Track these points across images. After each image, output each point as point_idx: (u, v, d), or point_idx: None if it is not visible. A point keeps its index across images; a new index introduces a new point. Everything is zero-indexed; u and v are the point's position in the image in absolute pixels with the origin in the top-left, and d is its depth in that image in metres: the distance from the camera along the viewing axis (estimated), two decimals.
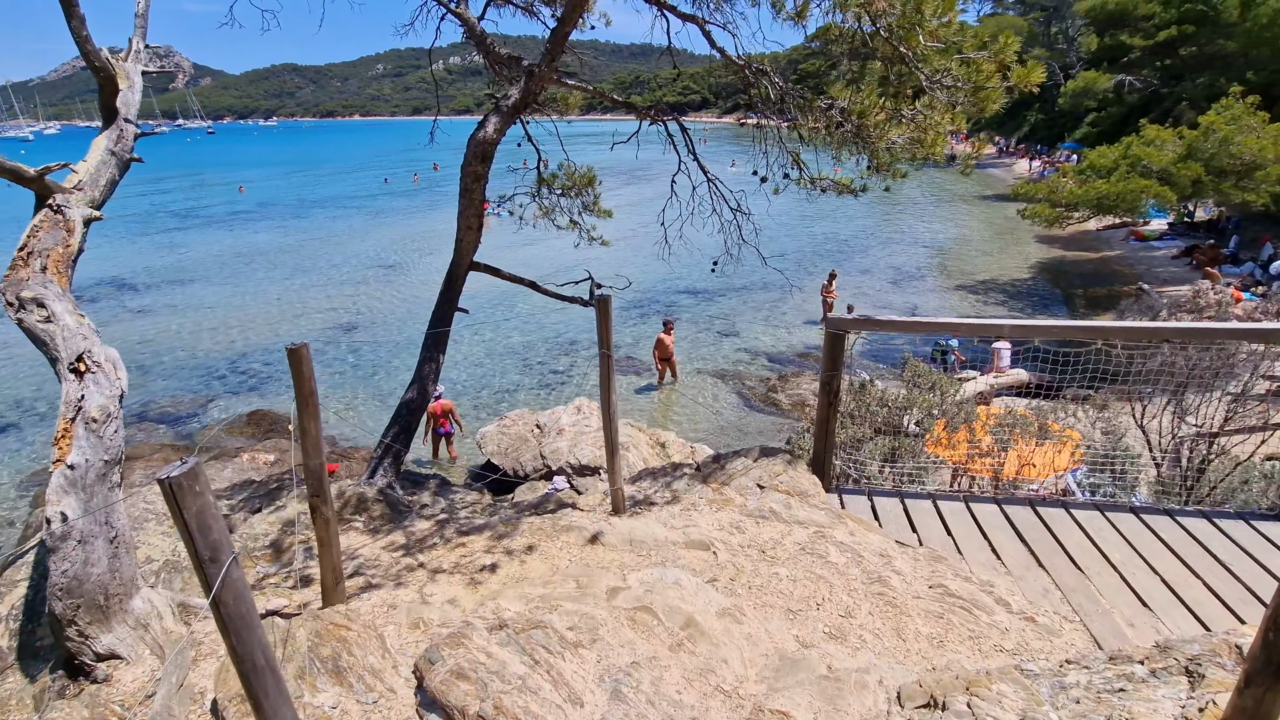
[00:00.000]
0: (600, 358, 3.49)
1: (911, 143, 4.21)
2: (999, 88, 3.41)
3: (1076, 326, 3.45)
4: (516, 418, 11.02)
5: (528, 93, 4.46)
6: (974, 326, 3.37)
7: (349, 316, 19.88)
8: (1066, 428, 6.72)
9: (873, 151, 4.41)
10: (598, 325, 3.42)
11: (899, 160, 4.49)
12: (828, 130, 4.59)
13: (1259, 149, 15.97)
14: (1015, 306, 19.07)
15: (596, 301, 3.36)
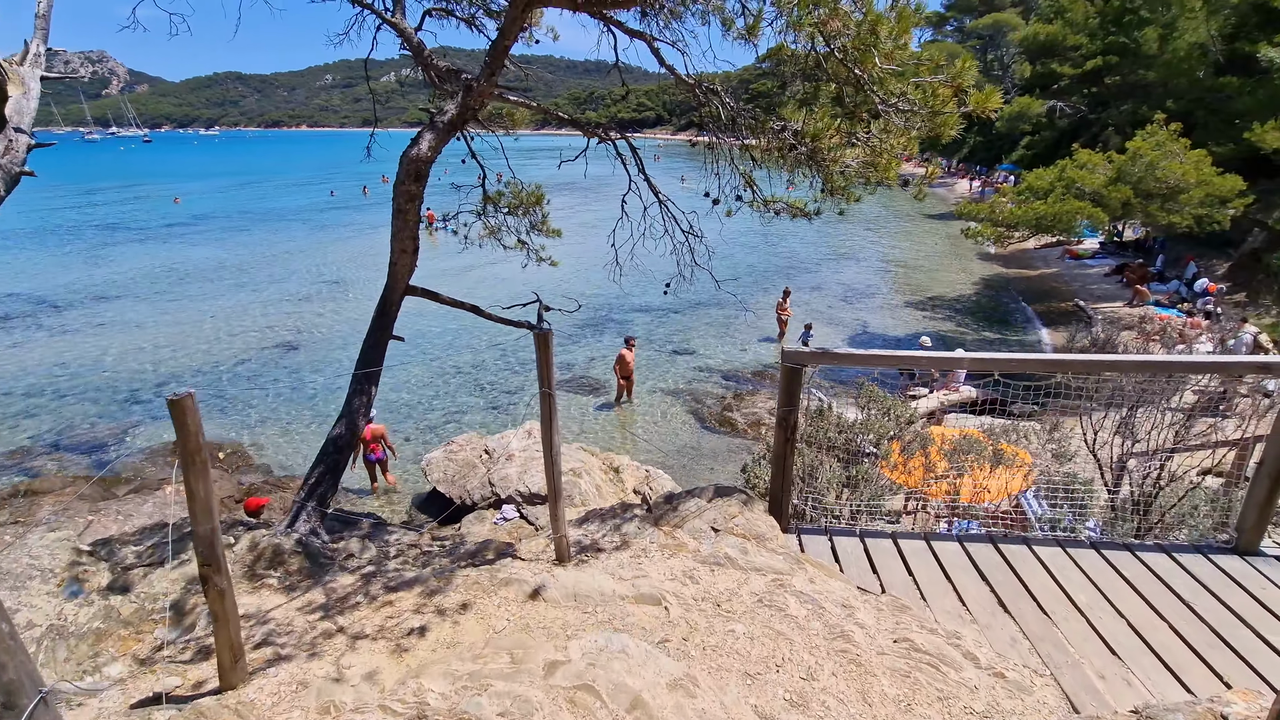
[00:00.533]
0: (541, 397, 3.20)
1: (866, 166, 4.09)
2: (955, 113, 3.31)
3: (1039, 360, 3.36)
4: (464, 443, 10.56)
5: (465, 108, 4.17)
6: (934, 359, 3.22)
7: (289, 335, 18.97)
8: (1018, 449, 6.73)
9: (827, 175, 4.27)
10: (538, 361, 3.13)
11: (853, 183, 4.36)
12: (780, 153, 4.44)
13: (1181, 173, 16.85)
14: (961, 322, 19.57)
15: (536, 336, 3.08)
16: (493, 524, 8.99)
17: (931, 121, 3.40)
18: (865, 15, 3.01)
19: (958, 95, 3.29)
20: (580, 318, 19.93)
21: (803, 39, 3.31)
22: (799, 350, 3.33)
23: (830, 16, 2.99)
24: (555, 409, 3.27)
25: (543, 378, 3.11)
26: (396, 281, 4.63)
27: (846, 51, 3.23)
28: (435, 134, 4.08)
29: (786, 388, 3.40)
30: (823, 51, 3.38)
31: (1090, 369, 3.57)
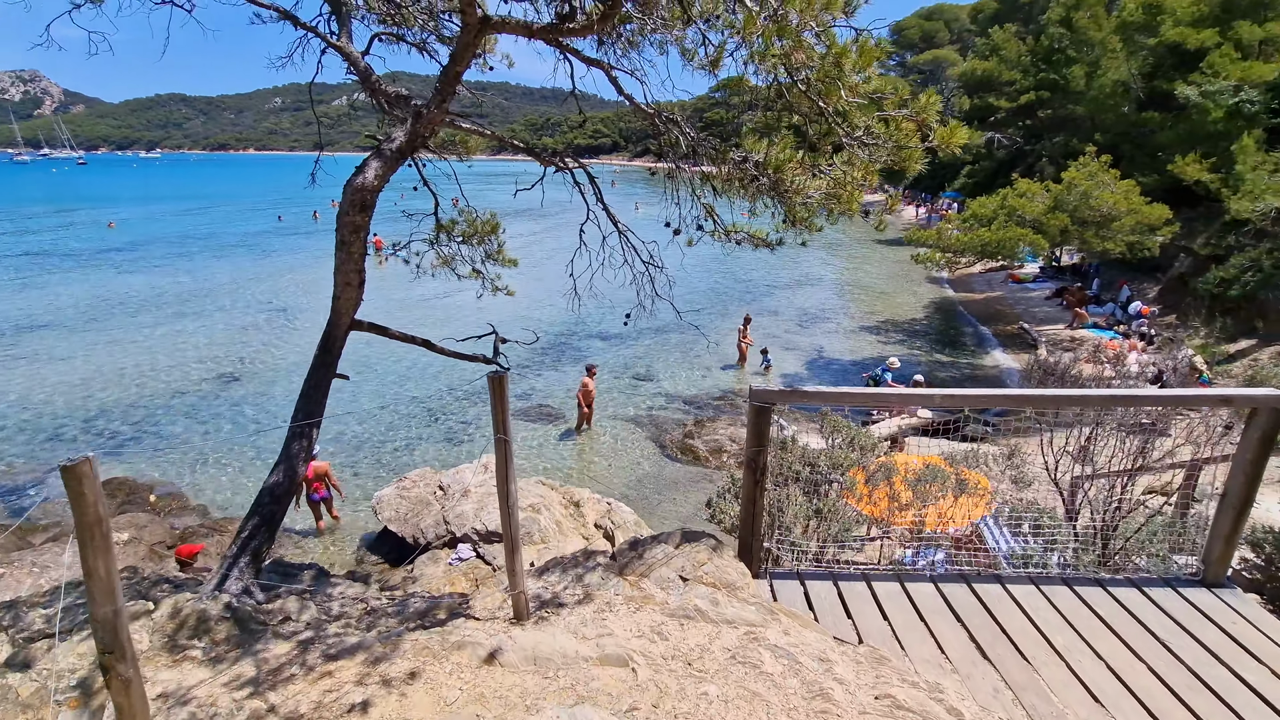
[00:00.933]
0: (496, 444, 2.97)
1: (829, 197, 4.05)
2: (919, 147, 3.29)
3: (1009, 395, 3.31)
4: (417, 478, 10.11)
5: (414, 136, 3.96)
6: (907, 397, 3.13)
7: (231, 367, 18.10)
8: (978, 475, 6.76)
9: (789, 206, 4.21)
10: (492, 405, 2.91)
11: (815, 214, 4.32)
12: (742, 183, 4.37)
13: (1113, 202, 17.74)
14: (914, 345, 20.01)
15: (491, 379, 2.86)
16: (448, 564, 8.57)
17: (896, 155, 3.37)
18: (829, 48, 2.96)
19: (921, 130, 3.28)
20: (540, 346, 19.63)
21: (765, 71, 3.25)
22: (767, 389, 3.19)
23: (794, 48, 2.93)
24: (511, 456, 3.04)
25: (498, 423, 2.89)
26: (340, 317, 4.35)
27: (810, 84, 3.18)
28: (382, 162, 3.86)
29: (754, 428, 3.26)
30: (785, 83, 3.32)
31: (1059, 404, 3.56)
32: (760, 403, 3.17)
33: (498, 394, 2.78)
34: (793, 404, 3.76)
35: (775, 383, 16.70)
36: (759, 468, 3.31)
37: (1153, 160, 23.38)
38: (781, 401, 3.20)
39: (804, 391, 3.18)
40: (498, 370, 2.87)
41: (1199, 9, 27.29)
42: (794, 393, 3.19)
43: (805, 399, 3.23)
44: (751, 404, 3.20)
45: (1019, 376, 17.69)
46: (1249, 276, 16.64)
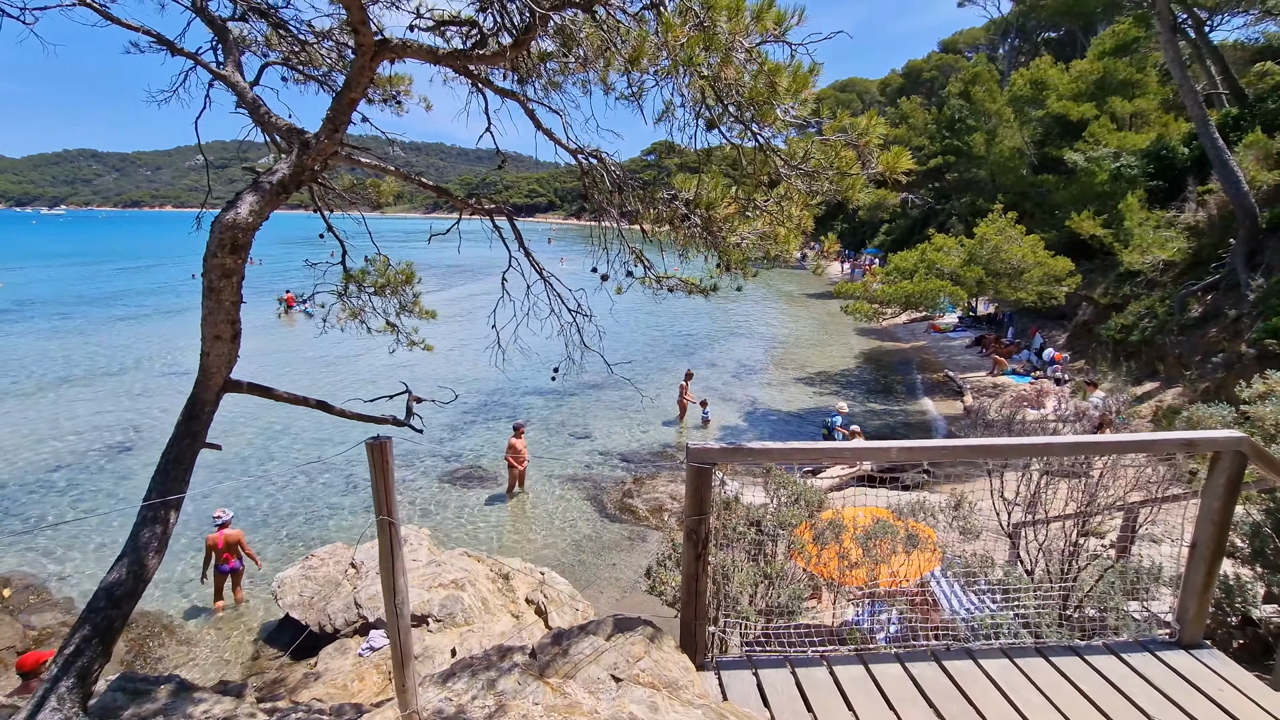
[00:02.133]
0: (379, 527, 2.41)
1: (764, 239, 3.78)
2: (861, 174, 3.08)
3: (970, 446, 3.02)
4: (326, 555, 9.08)
5: (300, 168, 3.47)
6: (858, 451, 2.78)
7: (123, 436, 16.35)
8: (925, 527, 6.51)
9: (723, 249, 3.91)
10: (373, 479, 2.36)
11: (750, 257, 4.04)
12: (672, 224, 4.07)
13: (1021, 255, 18.83)
14: (847, 395, 20.26)
15: (370, 447, 2.32)
16: (358, 655, 7.57)
17: (839, 183, 3.14)
18: (761, 66, 2.72)
19: (862, 157, 3.07)
20: (469, 404, 18.77)
21: (693, 93, 2.98)
22: (706, 447, 2.78)
23: (724, 65, 2.68)
24: (399, 541, 2.47)
25: (379, 501, 2.34)
26: (210, 377, 3.69)
27: (742, 108, 2.93)
28: (259, 197, 3.33)
29: (694, 492, 2.82)
30: (716, 113, 3.06)
31: (1024, 454, 3.30)
32: (699, 463, 2.74)
33: (379, 464, 2.25)
34: (736, 463, 3.33)
35: (715, 437, 16.41)
36: (700, 538, 2.86)
37: (1051, 217, 25.25)
38: (724, 461, 2.79)
39: (748, 449, 2.79)
40: (378, 438, 2.33)
41: (1078, 86, 30.30)
42: (737, 450, 2.79)
43: (750, 457, 2.83)
44: (690, 465, 2.77)
45: (945, 423, 18.11)
46: (1146, 323, 17.80)
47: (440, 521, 11.98)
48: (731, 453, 2.78)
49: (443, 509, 12.47)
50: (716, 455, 2.76)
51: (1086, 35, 46.43)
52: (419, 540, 8.65)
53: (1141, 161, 23.22)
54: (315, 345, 24.95)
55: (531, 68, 4.21)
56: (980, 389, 20.46)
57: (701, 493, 2.79)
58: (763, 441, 2.77)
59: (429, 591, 7.52)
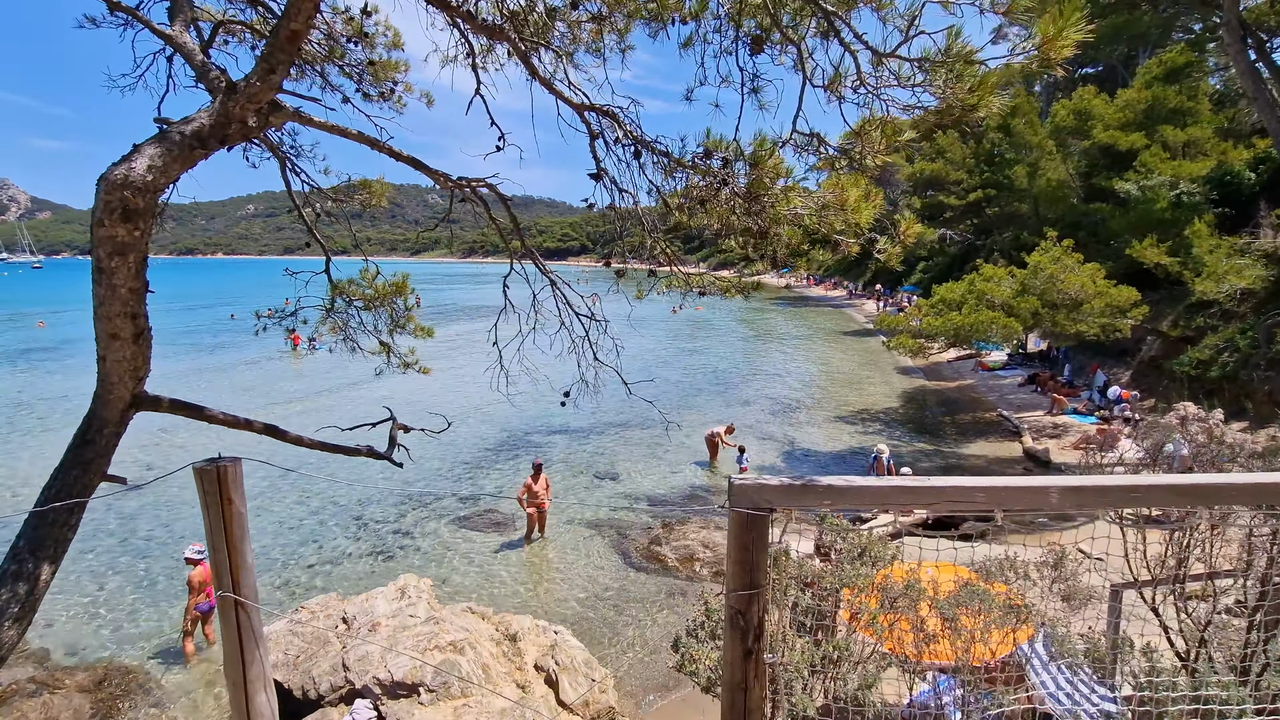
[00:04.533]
0: (220, 607, 1.48)
1: (825, 209, 2.86)
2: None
3: (1167, 486, 1.95)
4: (317, 608, 8.15)
5: (224, 118, 2.69)
6: (996, 491, 1.76)
7: (136, 473, 15.87)
8: (1010, 588, 5.32)
9: (771, 220, 3.00)
10: (207, 526, 1.46)
11: (805, 243, 3.12)
12: (704, 203, 3.19)
13: (1080, 285, 17.48)
14: (893, 434, 18.86)
15: (197, 472, 1.43)
16: None
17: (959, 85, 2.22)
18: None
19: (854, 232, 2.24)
20: (489, 441, 17.93)
21: None
22: (761, 484, 1.81)
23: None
24: (259, 637, 1.54)
25: (219, 564, 1.42)
26: (111, 389, 2.87)
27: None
28: (164, 149, 2.55)
29: (741, 551, 1.84)
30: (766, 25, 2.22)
31: (1259, 497, 2.21)
32: (751, 507, 1.77)
33: (215, 502, 1.34)
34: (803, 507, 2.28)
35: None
36: (752, 624, 1.86)
37: (1106, 247, 23.81)
38: (786, 504, 1.82)
39: (822, 486, 1.80)
40: (216, 460, 1.43)
41: (1125, 115, 29.12)
42: (806, 489, 1.80)
43: (825, 498, 1.84)
44: (735, 511, 1.79)
45: (998, 469, 16.55)
46: (1227, 357, 16.19)
47: (448, 569, 10.99)
48: (799, 493, 1.81)
49: (452, 555, 11.49)
50: (776, 496, 1.79)
51: (1127, 68, 45.35)
52: (418, 593, 7.67)
53: (1204, 187, 21.80)
54: (322, 376, 24.64)
55: None
56: (1039, 429, 18.86)
57: (752, 552, 1.82)
58: (841, 477, 1.76)
59: (424, 654, 6.50)
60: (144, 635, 9.24)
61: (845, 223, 2.79)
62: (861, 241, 3.24)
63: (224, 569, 1.47)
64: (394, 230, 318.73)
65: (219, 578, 1.48)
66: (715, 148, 2.89)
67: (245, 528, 1.47)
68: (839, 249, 3.30)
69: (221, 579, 1.47)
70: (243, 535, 1.45)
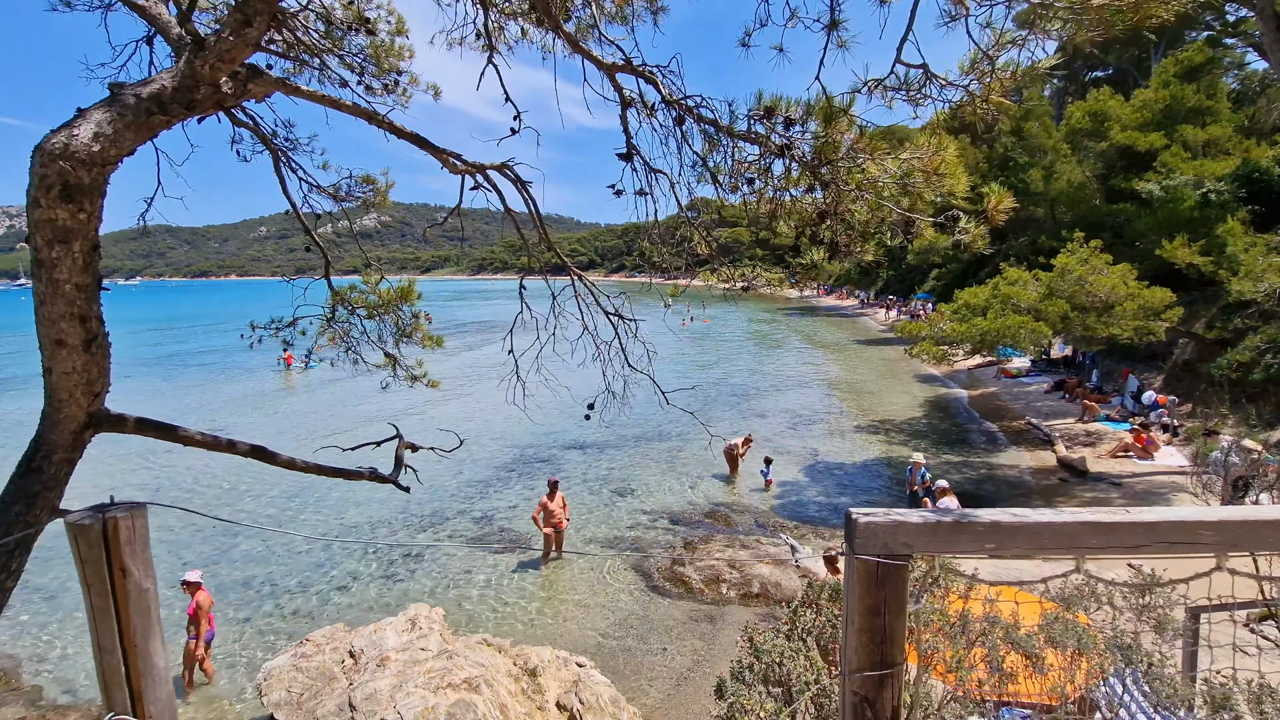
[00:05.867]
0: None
1: (908, 178, 2.35)
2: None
3: None
4: (323, 641, 7.63)
5: (190, 79, 2.24)
6: (1166, 526, 1.26)
7: (146, 497, 15.47)
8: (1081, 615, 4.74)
9: (842, 197, 2.50)
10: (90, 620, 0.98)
11: (885, 222, 2.62)
12: (759, 180, 2.70)
13: (1111, 287, 16.82)
14: (918, 445, 18.17)
15: (73, 530, 0.96)
16: None
17: None
18: None
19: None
20: (504, 458, 17.44)
21: None
22: (892, 520, 1.30)
23: None
24: None
25: (110, 684, 0.93)
26: (60, 407, 2.40)
27: None
28: (115, 113, 2.10)
29: (868, 616, 1.32)
30: None
31: None
32: (883, 555, 1.27)
33: (100, 578, 0.85)
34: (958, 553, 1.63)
35: (774, 495, 14.58)
36: (884, 717, 1.34)
37: (1131, 248, 23.13)
38: (932, 549, 1.30)
39: (984, 524, 1.28)
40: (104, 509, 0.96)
41: (1143, 115, 28.56)
42: (960, 527, 1.27)
43: (985, 540, 1.32)
44: (860, 560, 1.28)
45: (1035, 479, 15.83)
46: (1270, 359, 15.45)
47: (462, 595, 10.46)
48: (950, 533, 1.28)
49: (467, 580, 10.96)
50: (918, 538, 1.28)
51: (1140, 72, 44.80)
52: (430, 624, 7.14)
53: (1232, 185, 21.14)
54: (325, 394, 24.30)
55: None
56: (1071, 437, 18.13)
57: (885, 616, 1.30)
58: (1005, 511, 1.23)
59: (435, 694, 5.97)
60: None
61: (937, 191, 2.28)
62: (942, 220, 2.74)
63: (115, 677, 0.97)
64: (404, 249, 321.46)
65: (108, 692, 1.00)
66: (776, 107, 2.40)
67: (151, 610, 0.99)
68: (912, 231, 2.80)
69: (112, 695, 0.98)
70: (146, 624, 0.97)
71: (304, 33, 4.53)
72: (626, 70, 2.67)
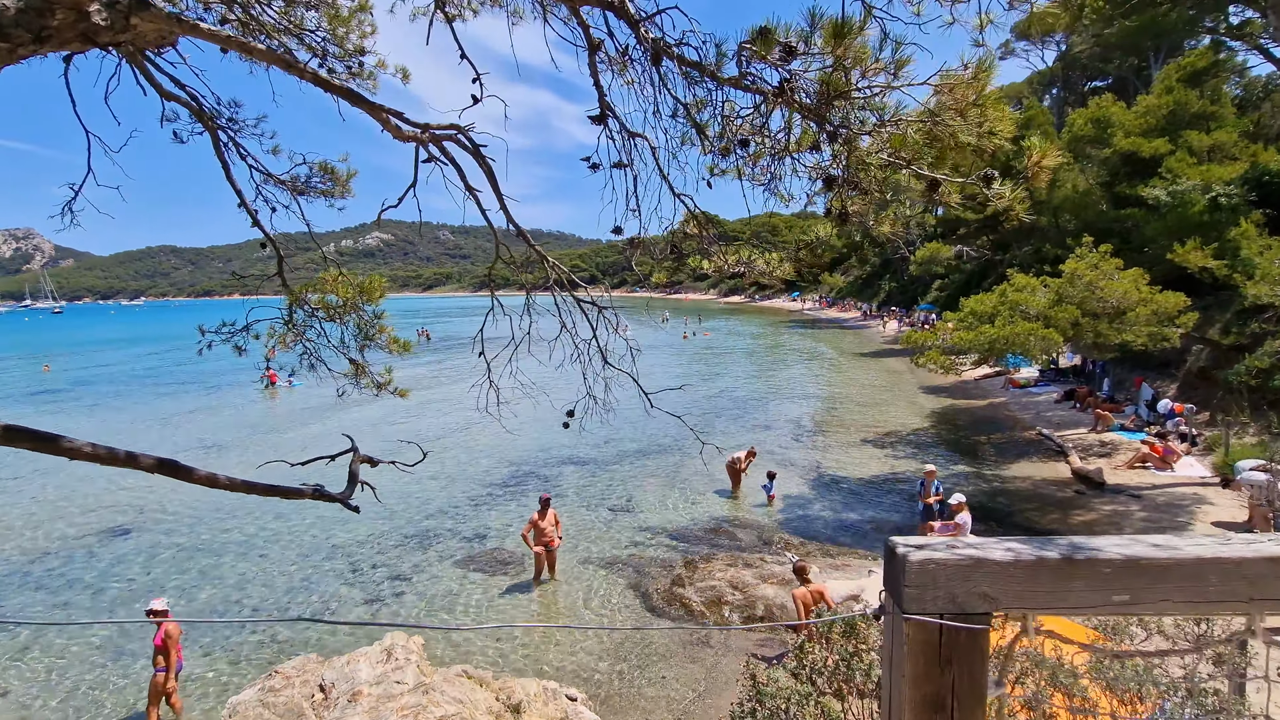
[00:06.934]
0: None
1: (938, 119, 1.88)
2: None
3: None
4: (293, 673, 7.07)
5: (42, 10, 1.78)
6: None
7: (127, 517, 15.02)
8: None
9: (853, 151, 2.02)
10: None
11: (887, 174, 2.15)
12: (750, 141, 2.23)
13: (1123, 292, 16.32)
14: (927, 457, 17.58)
15: None
16: None
17: None
18: None
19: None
20: (497, 475, 16.88)
21: None
22: (963, 556, 0.82)
23: None
24: None
25: None
26: None
27: None
28: None
29: (929, 706, 0.83)
30: None
31: None
32: (953, 612, 0.78)
33: None
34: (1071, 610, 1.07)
35: (778, 509, 13.98)
36: None
37: (1139, 254, 22.66)
38: (1030, 604, 0.83)
39: (1115, 562, 0.83)
40: None
41: (1146, 121, 28.26)
42: (1074, 565, 0.82)
43: (1114, 586, 0.84)
44: (917, 622, 0.79)
45: (1054, 489, 15.22)
46: None
47: (447, 619, 9.88)
48: (1060, 574, 0.80)
49: (453, 602, 10.39)
50: (1007, 584, 0.79)
51: (1140, 81, 44.63)
52: (407, 654, 6.59)
53: (1242, 189, 20.72)
54: (308, 409, 23.81)
55: None
56: (1084, 448, 17.54)
57: (950, 710, 0.81)
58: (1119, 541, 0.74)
59: None
60: (109, 707, 8.18)
61: (977, 132, 1.80)
62: (974, 181, 2.26)
63: None
64: (406, 266, 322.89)
65: None
66: (771, 31, 1.94)
67: None
68: (936, 190, 2.33)
69: None
70: None
71: (259, 10, 4.12)
72: (591, 2, 2.22)
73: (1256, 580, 0.79)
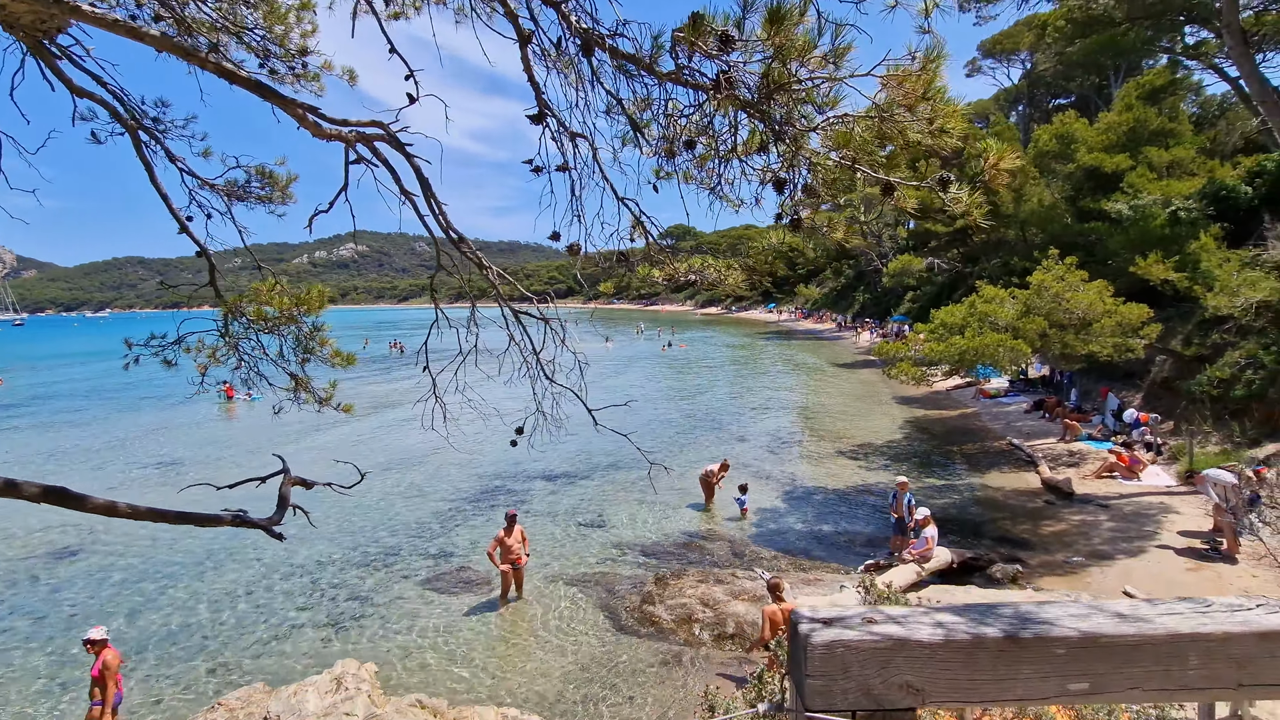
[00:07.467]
0: None
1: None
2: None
3: None
4: (237, 705, 6.68)
5: None
6: None
7: (74, 538, 14.29)
8: None
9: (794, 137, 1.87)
10: None
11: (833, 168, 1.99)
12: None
13: (1088, 303, 16.57)
14: (899, 468, 17.61)
15: None
16: None
17: None
18: None
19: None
20: (464, 491, 16.49)
21: None
22: (881, 638, 0.64)
23: None
24: None
25: None
26: None
27: None
28: None
29: None
30: None
31: None
32: (869, 712, 0.59)
33: None
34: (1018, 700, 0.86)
35: (752, 523, 13.82)
36: None
37: (1103, 266, 23.13)
38: (967, 694, 0.65)
39: (1061, 637, 0.66)
40: None
41: (1108, 138, 29.02)
42: (1023, 643, 0.65)
43: (1066, 672, 0.67)
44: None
45: (1023, 500, 15.30)
46: (1252, 374, 15.22)
47: (405, 643, 9.50)
48: (1003, 656, 0.59)
49: (412, 625, 10.00)
50: (936, 671, 0.60)
51: (1101, 99, 45.95)
52: (358, 683, 6.26)
53: (1201, 203, 21.28)
54: (278, 426, 23.18)
55: None
56: (1054, 457, 17.70)
57: None
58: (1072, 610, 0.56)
59: None
60: None
61: (928, 129, 1.66)
62: (929, 186, 2.11)
63: None
64: (381, 278, 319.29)
65: None
66: (704, 19, 1.78)
67: None
68: (891, 195, 2.18)
69: None
70: None
71: (194, 9, 3.88)
72: None
73: (1245, 662, 0.63)
